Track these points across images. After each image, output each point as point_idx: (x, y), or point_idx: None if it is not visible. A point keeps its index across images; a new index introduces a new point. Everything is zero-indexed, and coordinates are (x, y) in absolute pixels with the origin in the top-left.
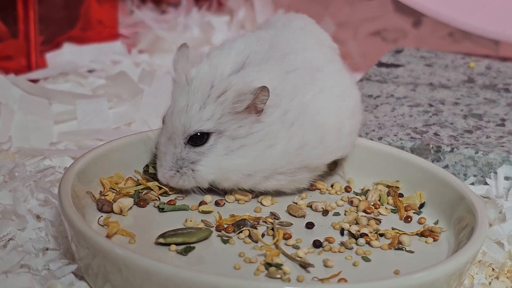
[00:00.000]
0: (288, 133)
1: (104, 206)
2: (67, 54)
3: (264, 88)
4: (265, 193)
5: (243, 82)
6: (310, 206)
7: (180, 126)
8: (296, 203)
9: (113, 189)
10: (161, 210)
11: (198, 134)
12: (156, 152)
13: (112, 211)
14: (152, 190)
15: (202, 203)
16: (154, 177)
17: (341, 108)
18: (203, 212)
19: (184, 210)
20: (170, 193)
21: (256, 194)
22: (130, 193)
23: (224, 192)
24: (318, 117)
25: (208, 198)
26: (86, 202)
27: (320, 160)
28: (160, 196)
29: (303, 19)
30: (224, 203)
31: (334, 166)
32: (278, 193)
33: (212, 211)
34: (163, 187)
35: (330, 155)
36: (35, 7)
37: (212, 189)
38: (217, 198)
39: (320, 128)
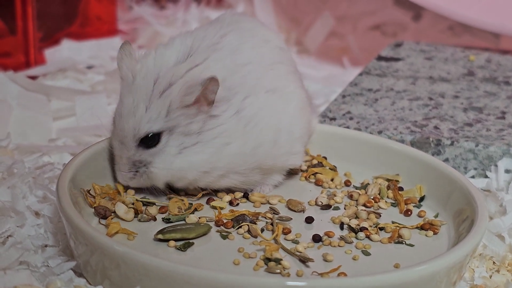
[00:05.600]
0: (244, 132)
1: (107, 212)
2: (65, 51)
3: (213, 78)
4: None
5: (190, 74)
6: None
7: (130, 130)
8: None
9: (105, 193)
10: (167, 221)
11: (149, 135)
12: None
13: (113, 213)
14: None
15: (210, 200)
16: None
17: (291, 111)
18: (213, 207)
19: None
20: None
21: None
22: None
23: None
24: (273, 117)
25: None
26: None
27: (273, 161)
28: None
29: (251, 21)
30: (238, 204)
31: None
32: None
33: (224, 207)
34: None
35: (283, 157)
36: (33, 3)
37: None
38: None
39: (274, 128)
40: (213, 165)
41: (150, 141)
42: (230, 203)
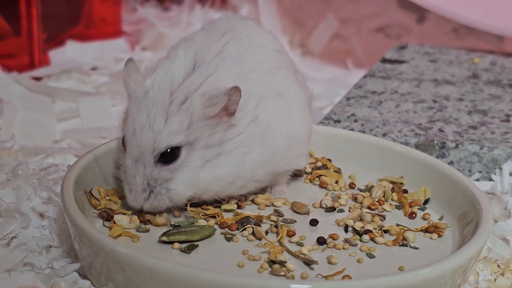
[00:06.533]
0: (262, 139)
1: (110, 216)
2: (70, 52)
3: (236, 88)
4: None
5: (206, 85)
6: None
7: (148, 144)
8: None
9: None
10: (176, 226)
11: (168, 150)
12: (121, 176)
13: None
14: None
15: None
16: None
17: (296, 114)
18: (225, 211)
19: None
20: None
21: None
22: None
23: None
24: (284, 122)
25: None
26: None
27: (287, 166)
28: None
29: (246, 25)
30: (244, 206)
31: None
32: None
33: (234, 209)
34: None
35: (293, 160)
36: (38, 4)
37: None
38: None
39: (287, 133)
40: (237, 175)
41: (169, 156)
42: (238, 206)
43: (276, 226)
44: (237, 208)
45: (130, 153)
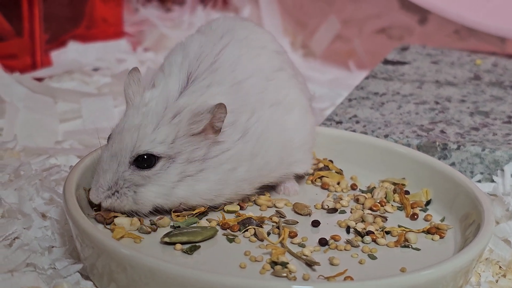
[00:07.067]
0: (251, 154)
1: (107, 220)
2: (72, 53)
3: (221, 105)
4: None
5: (196, 101)
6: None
7: (130, 144)
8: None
9: None
10: (176, 227)
11: (145, 156)
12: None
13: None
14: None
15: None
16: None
17: (294, 121)
18: (227, 212)
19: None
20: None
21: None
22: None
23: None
24: (279, 133)
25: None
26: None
27: (276, 178)
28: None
29: (245, 27)
30: (246, 207)
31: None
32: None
33: (237, 210)
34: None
35: (286, 170)
36: (40, 5)
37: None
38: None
39: (280, 144)
40: (219, 192)
41: (145, 161)
42: (240, 207)
43: (278, 227)
44: (239, 209)
45: (110, 147)
